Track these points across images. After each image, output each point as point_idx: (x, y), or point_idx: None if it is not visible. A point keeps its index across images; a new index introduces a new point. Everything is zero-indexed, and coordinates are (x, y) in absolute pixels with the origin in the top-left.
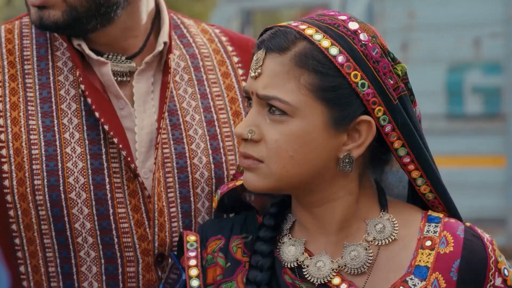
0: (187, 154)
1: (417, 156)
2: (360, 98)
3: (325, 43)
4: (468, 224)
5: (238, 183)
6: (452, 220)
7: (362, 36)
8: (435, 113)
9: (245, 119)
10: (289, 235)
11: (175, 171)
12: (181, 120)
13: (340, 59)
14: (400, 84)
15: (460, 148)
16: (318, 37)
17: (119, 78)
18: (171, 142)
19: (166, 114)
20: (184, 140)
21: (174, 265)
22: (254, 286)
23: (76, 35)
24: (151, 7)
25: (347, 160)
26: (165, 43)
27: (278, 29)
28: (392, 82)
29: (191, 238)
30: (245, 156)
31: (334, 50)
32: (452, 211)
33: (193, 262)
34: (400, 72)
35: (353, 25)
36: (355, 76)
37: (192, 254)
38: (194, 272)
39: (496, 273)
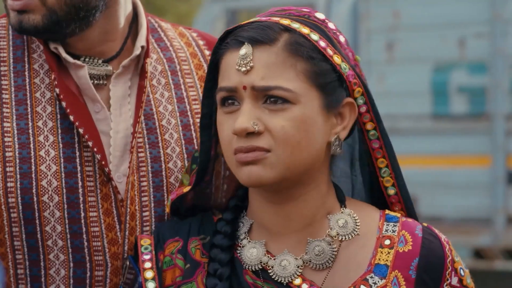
0: (162, 158)
1: (386, 143)
2: (343, 82)
3: (305, 30)
4: (425, 224)
5: (186, 189)
6: (410, 220)
7: (331, 25)
8: (421, 113)
9: (243, 114)
10: (247, 238)
11: (150, 175)
12: (157, 124)
13: (322, 43)
14: (362, 72)
15: (445, 148)
16: (296, 25)
17: (95, 81)
18: (147, 146)
19: (142, 118)
20: (160, 144)
21: (129, 266)
22: None
23: (54, 39)
24: (129, 10)
25: (336, 143)
26: (142, 47)
27: (256, 24)
28: (357, 69)
29: (146, 241)
30: (250, 149)
31: (315, 36)
32: (409, 210)
33: (148, 264)
34: (359, 62)
35: (320, 15)
36: (337, 59)
37: (147, 257)
38: (149, 274)
39: (453, 272)
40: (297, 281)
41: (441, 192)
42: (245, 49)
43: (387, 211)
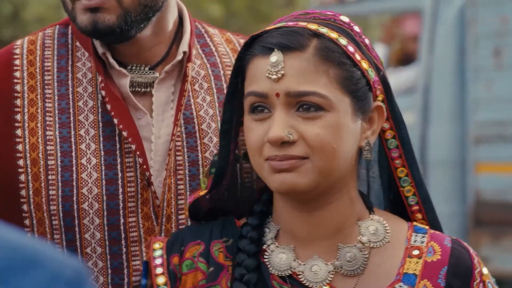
0: (200, 162)
1: (406, 151)
2: (370, 87)
3: (333, 35)
4: (454, 237)
5: (202, 192)
6: (438, 232)
7: (356, 28)
8: None
9: (277, 123)
10: (275, 244)
11: (187, 178)
12: (196, 128)
13: (350, 48)
14: (387, 77)
15: None
16: (324, 30)
17: (142, 89)
18: (185, 149)
19: (182, 121)
20: (198, 148)
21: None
22: None
23: (115, 42)
24: (175, 15)
25: (367, 148)
26: (184, 52)
27: (283, 30)
28: (382, 73)
29: (157, 245)
30: (286, 158)
31: (343, 41)
32: (431, 220)
33: (159, 270)
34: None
35: (344, 18)
36: (365, 64)
37: (158, 261)
38: (161, 280)
39: (481, 284)
40: None
41: None
42: (276, 56)
43: (415, 223)
